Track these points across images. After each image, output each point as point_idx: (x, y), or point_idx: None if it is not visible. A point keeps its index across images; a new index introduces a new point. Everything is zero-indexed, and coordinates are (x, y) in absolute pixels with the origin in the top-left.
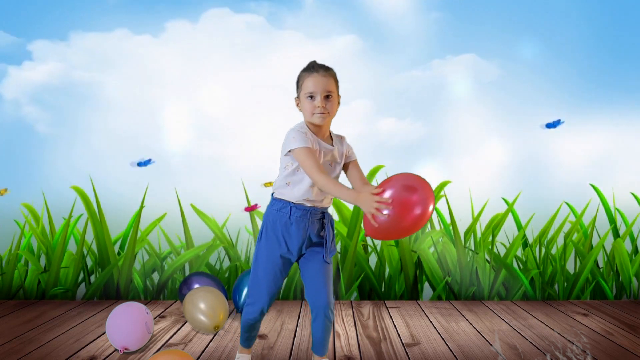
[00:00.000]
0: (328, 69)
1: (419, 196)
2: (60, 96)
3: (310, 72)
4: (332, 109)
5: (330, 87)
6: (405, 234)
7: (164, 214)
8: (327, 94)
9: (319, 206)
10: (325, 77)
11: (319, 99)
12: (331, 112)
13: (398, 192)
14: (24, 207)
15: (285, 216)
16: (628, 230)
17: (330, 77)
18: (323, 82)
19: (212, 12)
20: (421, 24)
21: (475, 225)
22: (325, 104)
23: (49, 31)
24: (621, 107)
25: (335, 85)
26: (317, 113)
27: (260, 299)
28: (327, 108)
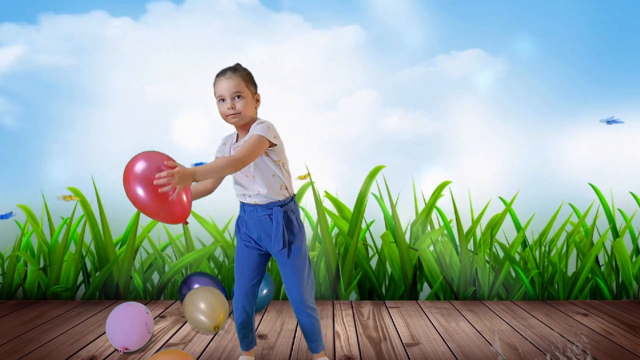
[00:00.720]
0: (235, 70)
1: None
2: (28, 85)
3: (218, 77)
4: (244, 108)
5: (238, 88)
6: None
7: None
8: (236, 95)
9: (261, 203)
10: (230, 79)
11: (228, 102)
12: (243, 111)
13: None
14: (25, 207)
15: (242, 213)
16: (627, 225)
17: (238, 77)
18: (228, 85)
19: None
20: (425, 18)
21: (476, 227)
22: (234, 105)
23: (16, 13)
24: (622, 106)
25: (245, 85)
26: (229, 115)
27: (237, 294)
28: (238, 108)
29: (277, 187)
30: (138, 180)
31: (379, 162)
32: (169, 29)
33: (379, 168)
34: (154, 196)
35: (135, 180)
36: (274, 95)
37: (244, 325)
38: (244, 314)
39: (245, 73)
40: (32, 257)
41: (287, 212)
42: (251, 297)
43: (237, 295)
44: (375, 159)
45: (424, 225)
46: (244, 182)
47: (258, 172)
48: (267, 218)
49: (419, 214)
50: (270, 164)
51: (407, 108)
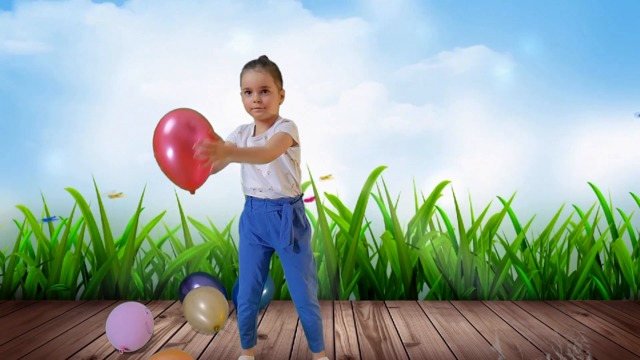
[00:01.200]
0: (265, 64)
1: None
2: (2, 77)
3: (247, 68)
4: (270, 103)
5: (266, 82)
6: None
7: (164, 211)
8: (264, 89)
9: (272, 197)
10: (260, 73)
11: (255, 95)
12: (268, 106)
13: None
14: (25, 208)
15: (249, 209)
16: (626, 224)
17: (267, 72)
18: (258, 78)
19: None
20: (427, 13)
21: (477, 228)
22: (261, 99)
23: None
24: (621, 105)
25: (273, 80)
26: (254, 108)
27: (242, 292)
28: (264, 103)
29: (289, 185)
30: (173, 139)
31: (379, 161)
32: (155, 15)
33: (380, 168)
34: (183, 159)
35: (171, 138)
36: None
37: (248, 321)
38: (248, 309)
39: (274, 68)
40: (31, 257)
41: (296, 210)
42: (257, 292)
43: (243, 290)
44: (376, 158)
45: (423, 225)
46: (258, 176)
47: (274, 168)
48: (275, 214)
49: (417, 213)
50: (287, 162)
51: (409, 106)
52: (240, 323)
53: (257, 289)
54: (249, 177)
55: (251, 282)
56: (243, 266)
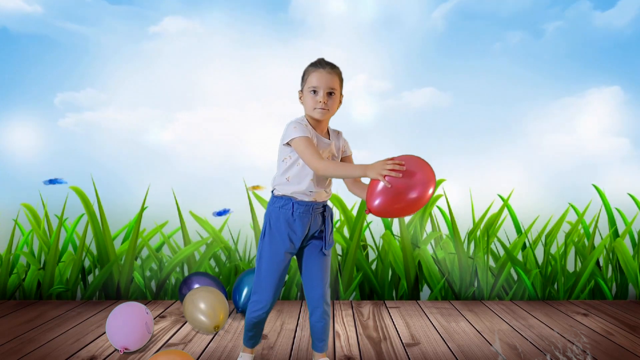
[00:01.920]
0: (334, 67)
1: (423, 173)
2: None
3: (316, 67)
4: (333, 106)
5: (334, 85)
6: (406, 208)
7: (166, 221)
8: (330, 91)
9: (320, 200)
10: (330, 74)
11: (322, 95)
12: (331, 109)
13: (407, 163)
14: (24, 207)
15: (288, 212)
16: (627, 228)
17: (335, 75)
18: (327, 79)
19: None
20: (422, 19)
21: (478, 228)
22: (327, 100)
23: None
24: (622, 106)
25: (339, 84)
26: (318, 108)
27: (265, 296)
28: (328, 105)
29: (327, 186)
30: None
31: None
32: (181, 38)
33: None
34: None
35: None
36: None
37: (260, 324)
38: (265, 314)
39: (340, 72)
40: (32, 257)
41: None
42: (278, 296)
43: (266, 296)
44: (376, 156)
45: (421, 225)
46: (321, 180)
47: None
48: (320, 216)
49: (415, 214)
50: None
51: (409, 105)
52: (250, 324)
53: (277, 296)
54: (306, 179)
55: (277, 288)
56: (271, 270)
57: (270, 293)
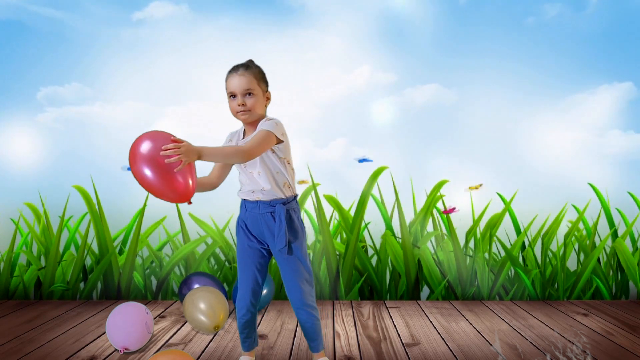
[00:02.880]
0: (248, 67)
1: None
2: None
3: (231, 72)
4: (255, 106)
5: (250, 85)
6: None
7: (164, 217)
8: (247, 92)
9: (262, 199)
10: (243, 76)
11: (239, 98)
12: (254, 109)
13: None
14: (24, 207)
15: (243, 210)
16: (628, 230)
17: (250, 74)
18: (241, 81)
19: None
20: (424, 19)
21: (477, 227)
22: (245, 102)
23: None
24: (623, 105)
25: (256, 82)
26: (239, 111)
27: (242, 292)
28: (249, 105)
29: (281, 184)
30: (144, 159)
31: (381, 164)
32: (178, 32)
33: (382, 169)
34: (160, 173)
35: (142, 160)
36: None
37: (248, 325)
38: (248, 313)
39: (258, 71)
40: (33, 256)
41: (289, 210)
42: (257, 295)
43: (242, 294)
44: (375, 158)
45: (422, 225)
46: (249, 177)
47: (263, 168)
48: (269, 215)
49: (417, 214)
50: (276, 160)
51: (409, 106)
52: (240, 327)
53: (256, 292)
54: (241, 179)
55: (251, 285)
56: (241, 268)
57: (246, 288)
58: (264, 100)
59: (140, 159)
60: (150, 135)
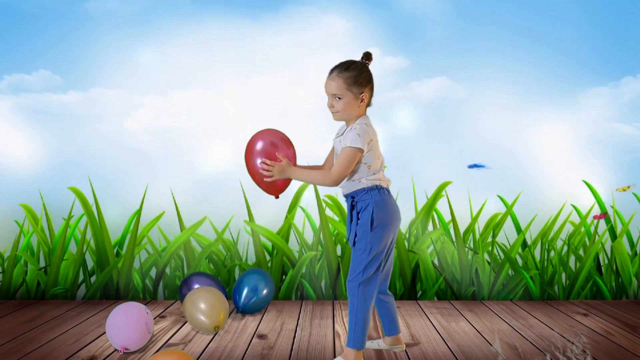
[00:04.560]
0: (341, 71)
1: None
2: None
3: (329, 73)
4: (343, 108)
5: (337, 91)
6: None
7: (162, 212)
8: (336, 96)
9: (345, 192)
10: (332, 81)
11: (329, 100)
12: (342, 111)
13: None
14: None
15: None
16: (624, 228)
17: (340, 79)
18: (329, 86)
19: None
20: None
21: (474, 225)
22: (333, 104)
23: None
24: (622, 105)
25: (345, 87)
26: (331, 112)
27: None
28: (336, 107)
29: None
30: (253, 154)
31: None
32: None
33: None
34: (257, 171)
35: (250, 153)
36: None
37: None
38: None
39: (349, 75)
40: (32, 257)
41: (359, 203)
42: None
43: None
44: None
45: (423, 226)
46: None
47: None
48: (350, 208)
49: (417, 214)
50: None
51: (410, 105)
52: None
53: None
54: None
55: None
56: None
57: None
58: (356, 102)
59: (250, 151)
60: (265, 137)
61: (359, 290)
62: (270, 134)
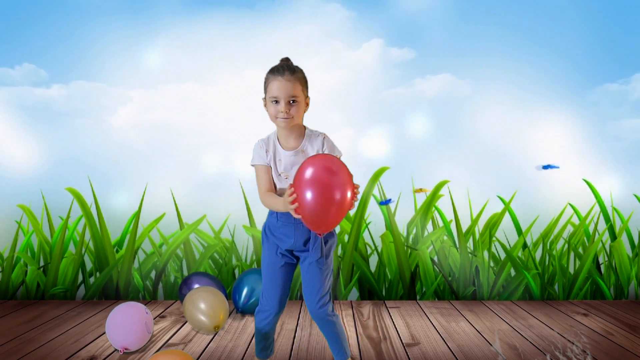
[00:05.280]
0: (295, 71)
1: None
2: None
3: (275, 75)
4: (297, 113)
5: (295, 92)
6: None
7: (163, 213)
8: (292, 99)
9: None
10: (290, 82)
11: (283, 105)
12: (296, 116)
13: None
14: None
15: (273, 219)
16: (624, 226)
17: (297, 80)
18: (287, 87)
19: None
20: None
21: (475, 226)
22: (289, 109)
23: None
24: (622, 104)
25: (301, 89)
26: (280, 118)
27: (270, 304)
28: (291, 113)
29: None
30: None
31: (382, 165)
32: (180, 36)
33: (383, 170)
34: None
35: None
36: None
37: (269, 335)
38: (272, 324)
39: (302, 75)
40: (32, 257)
41: None
42: (284, 307)
43: (271, 305)
44: (375, 160)
45: (423, 225)
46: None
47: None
48: (306, 229)
49: (416, 214)
50: None
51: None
52: (260, 337)
53: (284, 305)
54: (279, 188)
55: (280, 298)
56: (271, 281)
57: (274, 301)
58: (304, 107)
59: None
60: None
61: (331, 311)
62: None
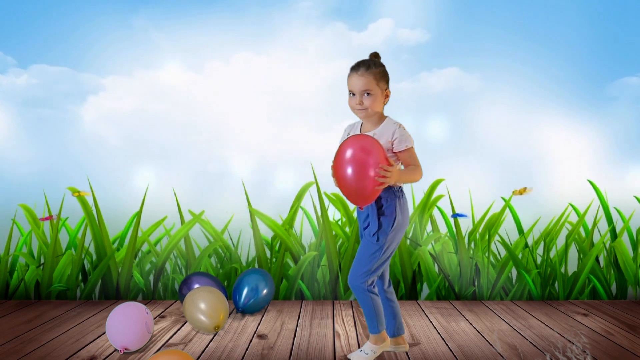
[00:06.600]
0: (369, 67)
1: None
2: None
3: (351, 70)
4: (373, 104)
5: (368, 86)
6: (358, 186)
7: (165, 217)
8: (366, 92)
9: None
10: (362, 77)
11: (357, 98)
12: (371, 107)
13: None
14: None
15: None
16: (625, 226)
17: (370, 75)
18: (360, 82)
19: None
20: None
21: (479, 227)
22: (362, 101)
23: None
24: (620, 103)
25: (375, 83)
26: (356, 109)
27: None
28: (365, 104)
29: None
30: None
31: None
32: (183, 38)
33: None
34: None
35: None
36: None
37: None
38: (381, 296)
39: (378, 71)
40: (31, 257)
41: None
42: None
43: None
44: None
45: (420, 223)
46: None
47: None
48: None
49: (415, 210)
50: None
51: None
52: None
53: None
54: None
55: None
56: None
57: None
58: (382, 98)
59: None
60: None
61: (366, 286)
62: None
